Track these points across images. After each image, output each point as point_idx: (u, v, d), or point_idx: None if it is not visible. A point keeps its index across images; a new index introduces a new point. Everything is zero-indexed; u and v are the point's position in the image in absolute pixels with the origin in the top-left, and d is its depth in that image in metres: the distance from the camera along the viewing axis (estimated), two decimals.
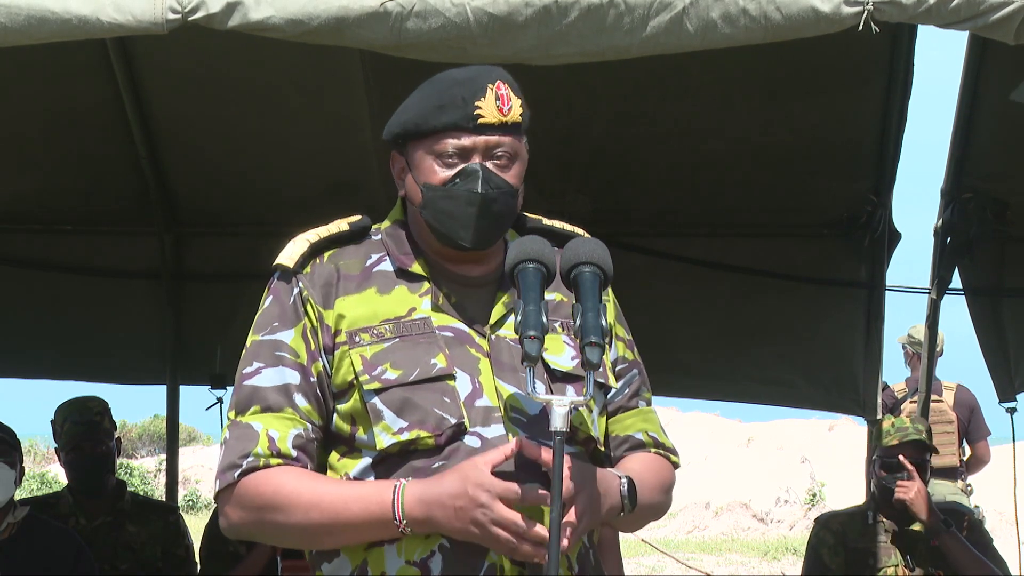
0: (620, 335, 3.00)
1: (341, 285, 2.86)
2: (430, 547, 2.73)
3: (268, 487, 2.76)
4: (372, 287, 2.86)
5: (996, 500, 14.17)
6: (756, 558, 16.64)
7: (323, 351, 2.82)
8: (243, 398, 2.83)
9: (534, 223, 3.01)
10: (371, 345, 2.80)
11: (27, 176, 6.71)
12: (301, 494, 2.74)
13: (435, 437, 2.75)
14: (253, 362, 2.85)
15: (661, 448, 2.99)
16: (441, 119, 2.82)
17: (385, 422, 2.77)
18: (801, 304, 6.93)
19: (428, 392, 2.77)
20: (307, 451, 2.81)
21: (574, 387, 2.83)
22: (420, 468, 2.75)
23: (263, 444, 2.78)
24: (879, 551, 6.02)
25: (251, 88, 6.26)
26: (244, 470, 2.78)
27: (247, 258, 7.06)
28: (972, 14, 3.59)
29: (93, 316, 7.11)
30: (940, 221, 6.54)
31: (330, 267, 2.89)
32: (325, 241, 2.95)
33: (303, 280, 2.89)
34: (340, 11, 3.59)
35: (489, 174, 2.82)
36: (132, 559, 5.92)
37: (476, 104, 2.81)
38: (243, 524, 2.83)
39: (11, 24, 3.57)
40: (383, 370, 2.78)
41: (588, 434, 2.85)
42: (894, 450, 5.97)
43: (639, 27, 3.60)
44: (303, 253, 2.93)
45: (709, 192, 6.56)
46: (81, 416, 5.89)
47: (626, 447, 2.97)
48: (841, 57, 5.87)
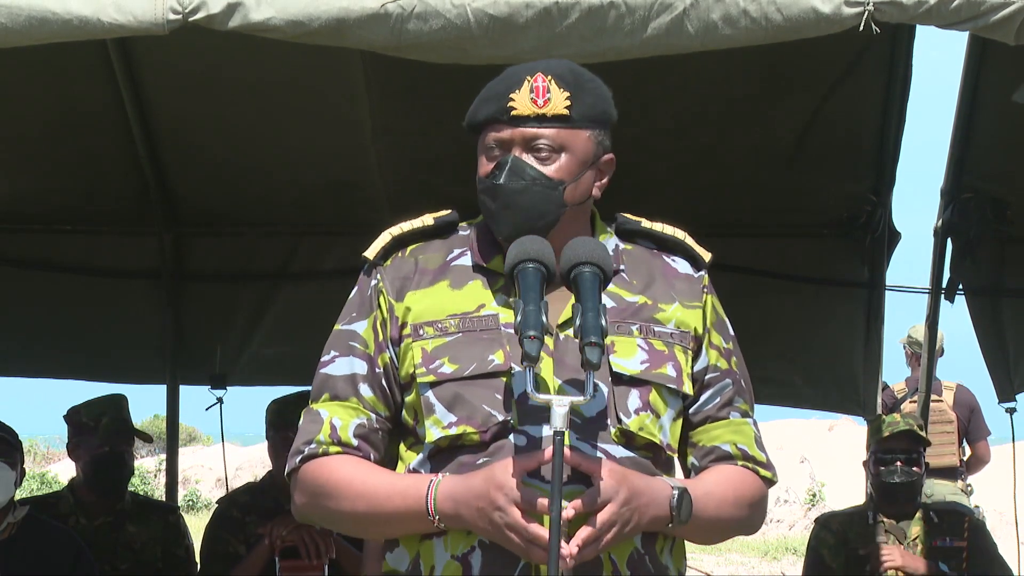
0: (715, 343, 2.95)
1: (416, 279, 2.90)
2: (471, 543, 2.76)
3: (323, 475, 2.84)
4: (445, 281, 2.89)
5: (996, 500, 14.16)
6: (756, 558, 16.64)
7: (390, 343, 2.87)
8: (317, 385, 2.93)
9: (632, 224, 2.99)
10: (434, 339, 2.83)
11: (27, 176, 6.70)
12: (350, 484, 2.81)
13: (480, 433, 2.78)
14: (330, 351, 2.94)
15: (751, 461, 2.93)
16: (482, 113, 2.87)
17: (436, 416, 2.81)
18: (801, 304, 6.93)
19: (480, 388, 2.79)
20: (369, 440, 2.87)
21: (639, 391, 2.82)
22: (466, 463, 2.78)
23: (325, 432, 2.87)
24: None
25: (251, 88, 6.25)
26: (305, 456, 2.87)
27: (247, 258, 7.07)
28: (972, 15, 3.60)
29: (93, 316, 7.11)
30: (940, 221, 6.54)
31: (410, 261, 2.93)
32: (409, 235, 2.98)
33: (382, 272, 2.93)
34: (341, 12, 3.59)
35: (519, 165, 2.83)
36: (132, 559, 5.91)
37: (511, 96, 2.84)
38: (304, 508, 2.91)
39: (12, 25, 3.57)
40: (440, 364, 2.81)
41: (649, 440, 2.83)
42: (887, 443, 6.00)
43: (639, 28, 3.60)
44: (385, 245, 2.96)
45: (708, 192, 6.56)
46: (119, 413, 5.91)
47: (712, 458, 2.93)
48: (841, 57, 5.87)
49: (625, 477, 2.71)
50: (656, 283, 2.92)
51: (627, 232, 2.98)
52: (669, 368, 2.85)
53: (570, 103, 2.84)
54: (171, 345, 7.05)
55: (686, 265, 2.98)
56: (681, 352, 2.88)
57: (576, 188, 2.87)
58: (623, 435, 2.80)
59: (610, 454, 2.78)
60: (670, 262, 2.97)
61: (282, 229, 7.04)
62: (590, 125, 2.88)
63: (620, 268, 2.92)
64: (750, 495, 2.92)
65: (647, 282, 2.91)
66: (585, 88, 2.87)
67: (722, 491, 2.86)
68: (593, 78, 2.93)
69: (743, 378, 2.98)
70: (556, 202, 2.85)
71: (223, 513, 5.72)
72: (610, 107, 2.93)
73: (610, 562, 2.76)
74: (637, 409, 2.82)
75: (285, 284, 7.08)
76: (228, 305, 7.08)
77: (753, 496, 2.93)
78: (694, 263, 2.98)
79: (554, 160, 2.85)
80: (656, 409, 2.83)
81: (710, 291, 2.98)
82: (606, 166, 2.95)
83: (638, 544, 2.80)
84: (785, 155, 6.43)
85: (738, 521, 2.92)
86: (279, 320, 7.05)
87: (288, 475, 2.91)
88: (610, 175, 2.96)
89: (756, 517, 2.96)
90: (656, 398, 2.84)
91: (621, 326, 2.84)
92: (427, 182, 6.42)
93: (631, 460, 2.80)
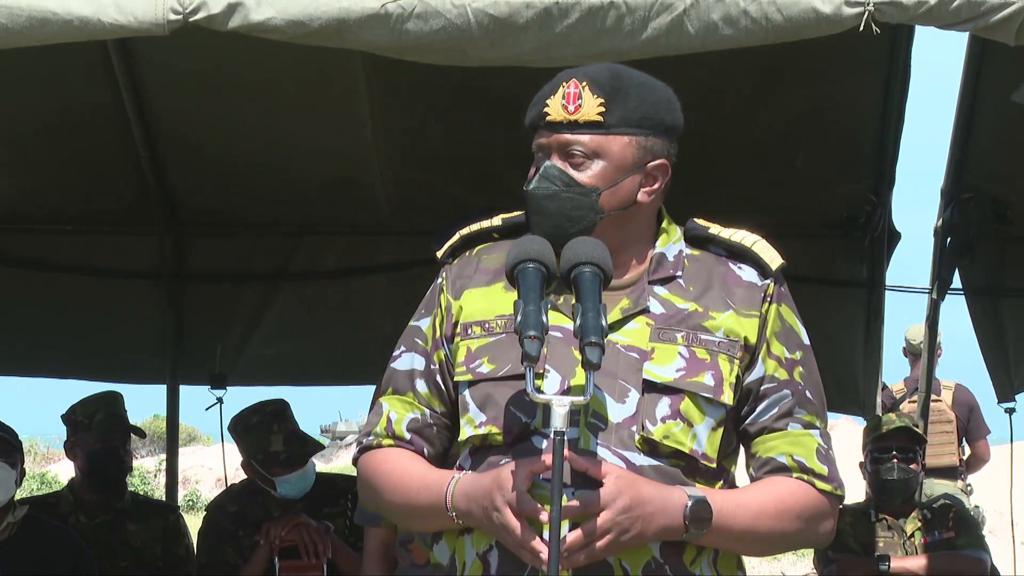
0: (775, 352, 2.90)
1: (475, 278, 2.92)
2: (490, 541, 2.78)
3: (373, 465, 2.92)
4: (501, 282, 2.88)
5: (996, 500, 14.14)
6: (756, 558, 16.62)
7: (445, 340, 2.91)
8: (385, 379, 2.98)
9: (700, 231, 2.97)
10: (479, 338, 2.86)
11: (27, 176, 6.70)
12: (392, 477, 2.87)
13: (504, 434, 2.79)
14: (400, 345, 2.99)
15: (807, 473, 2.87)
16: (527, 118, 2.89)
17: (470, 415, 2.85)
18: (801, 304, 6.90)
19: (510, 389, 2.80)
20: (424, 435, 2.92)
21: (671, 399, 2.79)
22: (493, 463, 2.81)
23: (382, 425, 2.93)
24: (883, 547, 6.05)
25: (251, 88, 6.26)
26: (363, 447, 2.95)
27: (247, 258, 7.07)
28: (972, 15, 3.59)
29: (93, 316, 7.10)
30: (940, 221, 6.54)
31: (474, 261, 2.95)
32: (477, 234, 2.98)
33: (447, 271, 2.97)
34: (341, 13, 3.59)
35: (550, 172, 2.83)
36: (132, 558, 5.91)
37: (546, 103, 2.85)
38: (363, 496, 3.00)
39: (12, 25, 3.57)
40: (479, 363, 2.84)
41: (675, 448, 2.79)
42: (883, 440, 6.01)
43: (639, 29, 3.60)
44: (453, 244, 2.99)
45: (708, 192, 6.55)
46: (114, 409, 5.92)
47: (766, 469, 2.87)
48: (840, 58, 5.87)
49: (632, 484, 2.69)
50: (713, 290, 2.88)
51: (696, 239, 2.96)
52: (707, 377, 2.81)
53: (604, 109, 2.83)
54: (171, 345, 7.05)
55: (752, 273, 2.93)
56: (726, 361, 2.83)
57: (614, 194, 2.85)
58: (646, 443, 2.77)
59: (630, 461, 2.76)
60: (735, 269, 2.93)
61: (282, 229, 7.04)
62: (630, 131, 2.85)
63: (676, 274, 2.89)
64: (799, 507, 2.84)
65: (703, 289, 2.87)
66: (627, 93, 2.85)
67: (761, 502, 2.81)
68: (644, 83, 2.91)
69: (809, 388, 2.91)
70: (589, 208, 2.83)
71: (216, 523, 5.67)
72: (661, 111, 2.90)
73: (621, 568, 2.73)
74: (664, 417, 2.78)
75: (285, 284, 7.08)
76: (228, 305, 7.07)
77: (804, 508, 2.85)
78: (761, 271, 2.93)
79: (588, 166, 2.84)
80: (689, 418, 2.80)
81: (776, 300, 2.93)
82: (657, 171, 2.91)
83: (656, 553, 2.76)
84: (785, 155, 6.42)
85: (785, 533, 2.84)
86: (279, 320, 7.05)
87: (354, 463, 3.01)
88: (665, 180, 2.93)
89: (812, 530, 2.87)
90: (689, 406, 2.80)
91: (665, 333, 2.82)
92: (427, 181, 6.43)
93: (654, 468, 2.77)
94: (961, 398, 9.63)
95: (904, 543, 6.02)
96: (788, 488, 2.85)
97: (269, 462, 5.47)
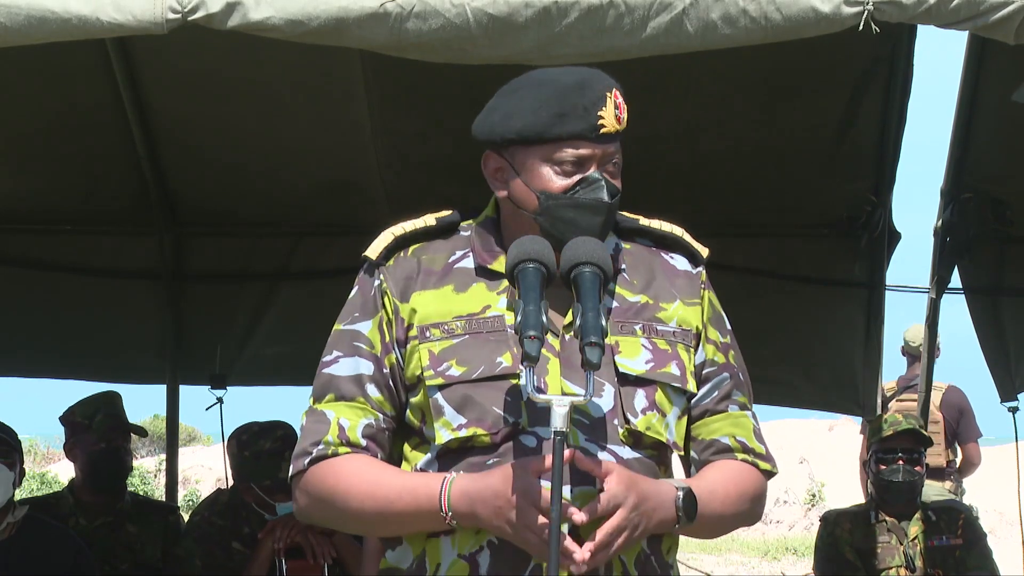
0: (712, 337, 2.96)
1: (420, 279, 2.89)
2: (480, 542, 2.76)
3: (333, 475, 2.83)
4: (450, 284, 2.88)
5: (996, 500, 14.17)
6: (756, 558, 16.63)
7: (396, 344, 2.87)
8: (320, 386, 2.91)
9: (630, 222, 3.00)
10: (440, 341, 2.83)
11: (27, 176, 6.70)
12: (360, 483, 2.81)
13: (491, 435, 2.78)
14: (333, 351, 2.92)
15: (750, 454, 2.94)
16: (565, 128, 2.82)
17: (445, 418, 2.81)
18: (801, 304, 6.93)
19: (490, 390, 2.79)
20: (377, 440, 2.87)
21: (645, 391, 2.83)
22: (476, 464, 2.78)
23: (333, 432, 2.85)
24: (882, 551, 6.04)
25: (251, 88, 6.25)
26: (314, 458, 2.85)
27: (247, 258, 7.07)
28: (972, 14, 3.59)
29: (93, 316, 7.11)
30: (940, 221, 6.54)
31: (413, 261, 2.93)
32: (411, 235, 2.97)
33: (384, 272, 2.92)
34: (340, 11, 3.59)
35: (609, 183, 2.84)
36: (132, 559, 5.91)
37: (599, 114, 2.83)
38: (310, 510, 2.90)
39: (11, 24, 3.57)
40: (448, 366, 2.81)
41: (656, 439, 2.84)
42: (889, 441, 6.00)
43: (639, 28, 3.60)
44: (387, 245, 2.95)
45: (709, 192, 6.56)
46: (114, 409, 5.91)
47: (711, 451, 2.94)
48: (841, 57, 5.87)
49: (634, 482, 2.72)
50: (656, 281, 2.93)
51: (625, 230, 2.99)
52: (673, 367, 2.86)
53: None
54: (171, 345, 7.05)
55: (684, 262, 2.98)
56: (684, 350, 2.89)
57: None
58: (631, 435, 2.81)
59: (618, 455, 2.79)
60: (668, 259, 2.98)
61: (282, 229, 7.04)
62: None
63: (622, 268, 2.93)
64: (752, 489, 2.93)
65: (648, 281, 2.92)
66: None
67: (725, 488, 2.87)
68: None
69: (741, 371, 2.99)
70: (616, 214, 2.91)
71: (208, 534, 5.59)
72: None
73: (620, 563, 2.78)
74: (644, 409, 2.82)
75: (285, 284, 7.08)
76: (228, 305, 7.07)
77: (755, 490, 2.94)
78: (692, 259, 2.99)
79: (618, 175, 2.89)
80: (662, 408, 2.84)
81: (707, 287, 2.99)
82: None
83: (644, 545, 2.81)
84: (785, 155, 6.42)
85: (740, 515, 2.93)
86: (279, 320, 7.05)
87: (292, 477, 2.89)
88: None
89: (757, 509, 2.97)
90: (662, 397, 2.85)
91: (624, 326, 2.85)
92: (426, 182, 6.42)
93: (638, 461, 2.81)
94: (951, 400, 9.61)
95: (905, 546, 6.01)
96: (739, 470, 2.92)
97: (275, 488, 5.41)
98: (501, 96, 2.91)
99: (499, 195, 2.92)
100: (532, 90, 2.86)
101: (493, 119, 2.89)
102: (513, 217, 2.90)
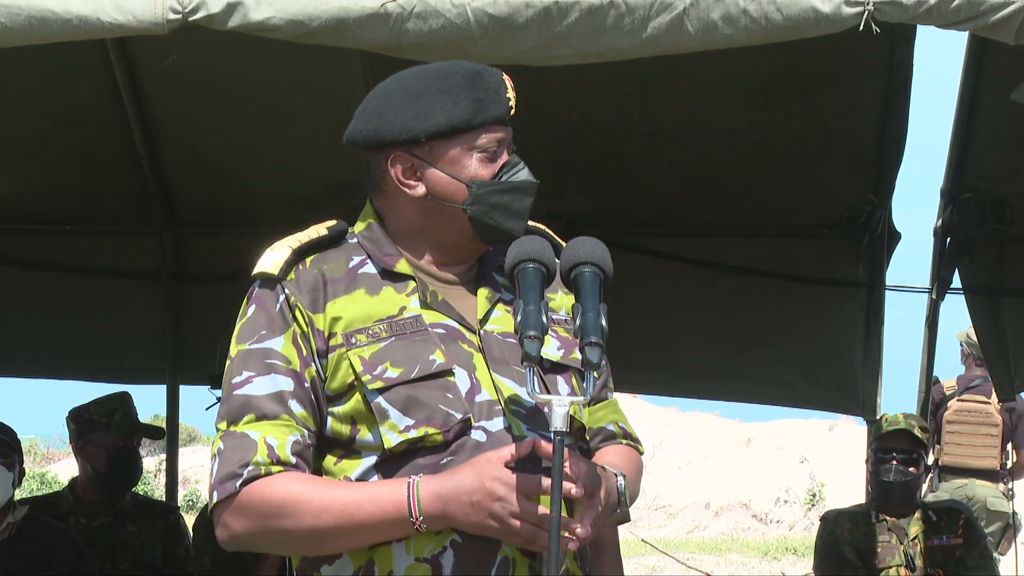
0: None
1: (329, 289, 2.83)
2: (441, 543, 2.70)
3: (274, 494, 2.71)
4: (360, 288, 2.84)
5: None
6: (756, 558, 16.63)
7: (316, 356, 2.79)
8: (235, 408, 2.77)
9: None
10: (368, 345, 2.77)
11: (27, 176, 6.71)
12: (311, 499, 2.70)
13: (443, 433, 2.73)
14: (243, 371, 2.80)
15: (628, 438, 3.01)
16: (488, 113, 2.81)
17: (391, 421, 2.74)
18: (801, 304, 6.94)
19: (431, 389, 2.75)
20: (304, 457, 2.76)
21: (563, 377, 2.83)
22: (426, 465, 2.72)
23: (262, 452, 2.73)
24: (882, 551, 6.05)
25: (251, 88, 6.26)
26: (245, 479, 2.72)
27: (247, 258, 7.01)
28: (972, 14, 3.60)
29: (93, 316, 7.11)
30: (940, 221, 6.54)
31: (314, 272, 2.86)
32: (306, 246, 2.92)
33: (289, 286, 2.85)
34: (340, 12, 3.59)
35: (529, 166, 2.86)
36: (132, 559, 5.91)
37: (508, 96, 2.83)
38: (247, 534, 2.76)
39: (11, 24, 3.57)
40: (384, 369, 2.75)
41: (581, 424, 2.88)
42: (884, 441, 6.02)
43: (639, 28, 3.60)
44: (287, 260, 2.89)
45: (709, 192, 6.56)
46: (130, 409, 5.91)
47: (600, 439, 2.97)
48: (841, 57, 5.87)
49: (590, 470, 2.72)
50: None
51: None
52: (576, 352, 2.83)
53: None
54: (171, 345, 7.06)
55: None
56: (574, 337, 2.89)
57: None
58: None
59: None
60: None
61: (282, 229, 7.01)
62: None
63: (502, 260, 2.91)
64: (639, 471, 2.99)
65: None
66: None
67: (631, 473, 2.91)
68: None
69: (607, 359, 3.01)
70: None
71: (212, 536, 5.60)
72: None
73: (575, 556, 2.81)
74: (568, 394, 2.80)
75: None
76: (228, 305, 7.03)
77: (640, 471, 3.00)
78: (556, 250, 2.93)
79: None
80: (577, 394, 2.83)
81: None
82: None
83: None
84: (785, 155, 6.43)
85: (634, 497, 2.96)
86: None
87: (220, 502, 2.75)
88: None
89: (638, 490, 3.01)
90: (575, 383, 2.85)
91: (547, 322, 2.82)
92: None
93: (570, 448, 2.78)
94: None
95: (906, 545, 6.01)
96: (630, 456, 2.97)
97: None
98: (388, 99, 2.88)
99: (412, 195, 2.86)
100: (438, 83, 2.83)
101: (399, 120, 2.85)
102: (428, 215, 2.86)
